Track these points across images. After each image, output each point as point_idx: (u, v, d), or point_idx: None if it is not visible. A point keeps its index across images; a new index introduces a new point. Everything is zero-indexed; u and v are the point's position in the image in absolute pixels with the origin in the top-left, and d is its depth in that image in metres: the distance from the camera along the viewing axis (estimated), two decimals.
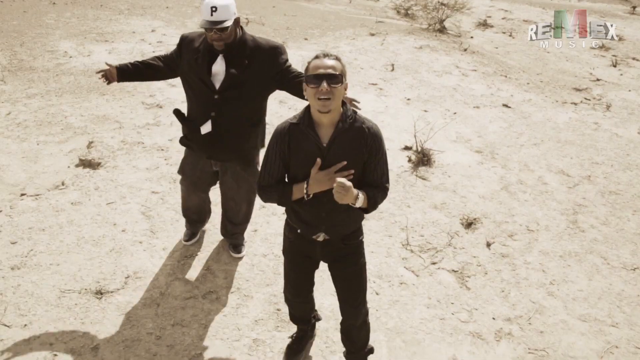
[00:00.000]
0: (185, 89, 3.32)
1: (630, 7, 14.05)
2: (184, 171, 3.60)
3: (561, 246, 4.22)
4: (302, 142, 2.36)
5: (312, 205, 2.43)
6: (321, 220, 2.47)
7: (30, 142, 5.25)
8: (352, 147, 2.34)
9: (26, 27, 9.05)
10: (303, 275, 2.77)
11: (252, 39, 3.17)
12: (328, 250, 2.58)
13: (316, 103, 2.25)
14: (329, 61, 2.25)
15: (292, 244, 2.66)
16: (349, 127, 2.35)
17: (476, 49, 9.66)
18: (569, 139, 6.14)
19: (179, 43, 3.27)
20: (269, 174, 2.43)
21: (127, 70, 3.30)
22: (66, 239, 3.90)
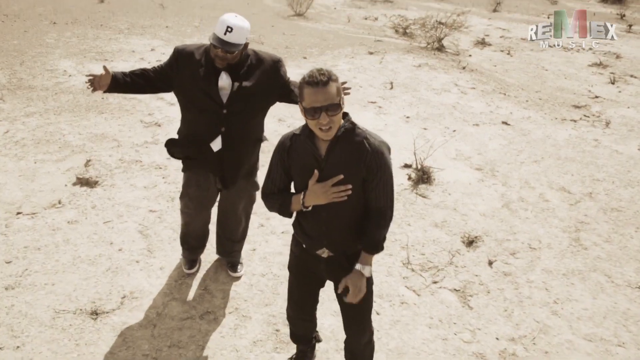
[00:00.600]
0: (183, 105, 3.22)
1: (627, 25, 14.14)
2: (188, 195, 3.46)
3: (564, 264, 4.16)
4: (301, 153, 2.33)
5: (313, 218, 2.39)
6: (322, 235, 2.42)
7: (28, 161, 5.22)
8: (349, 160, 2.27)
9: (26, 46, 9.08)
10: (307, 292, 2.71)
11: (254, 52, 3.16)
12: (333, 268, 2.51)
13: (318, 132, 2.21)
14: (324, 90, 2.13)
15: (297, 259, 2.61)
16: (349, 140, 2.28)
17: (475, 67, 9.70)
18: (569, 155, 6.11)
19: (175, 56, 3.13)
20: (272, 182, 2.44)
21: (119, 79, 3.08)
22: (62, 258, 3.84)
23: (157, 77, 3.16)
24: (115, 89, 3.09)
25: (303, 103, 2.18)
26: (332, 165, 2.28)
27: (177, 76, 3.12)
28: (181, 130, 3.34)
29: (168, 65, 3.15)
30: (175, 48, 3.15)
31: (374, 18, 14.12)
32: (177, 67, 3.11)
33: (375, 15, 14.51)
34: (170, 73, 3.14)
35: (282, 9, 14.36)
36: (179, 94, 3.21)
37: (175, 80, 3.14)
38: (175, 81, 3.14)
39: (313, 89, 2.14)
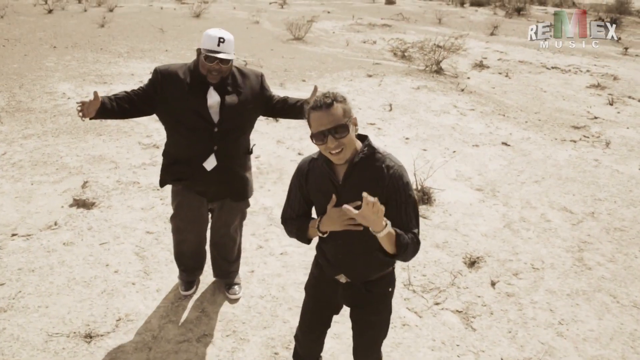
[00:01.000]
0: (171, 126, 3.13)
1: (623, 48, 14.27)
2: (180, 216, 3.42)
3: (568, 284, 4.08)
4: (318, 178, 2.26)
5: (331, 244, 2.32)
6: (339, 261, 2.34)
7: (24, 182, 5.18)
8: (368, 186, 2.11)
9: (26, 69, 9.13)
10: (320, 316, 2.62)
11: (237, 68, 3.15)
12: (350, 294, 2.43)
13: (330, 157, 2.13)
14: (328, 113, 2.06)
15: (316, 281, 2.54)
16: (366, 165, 2.17)
17: (473, 89, 9.74)
18: (570, 175, 6.08)
19: (157, 77, 3.05)
20: (290, 207, 2.38)
21: (107, 105, 2.96)
22: (56, 280, 3.76)
23: (140, 99, 3.07)
24: (102, 114, 2.98)
25: (311, 129, 2.12)
26: (349, 191, 2.17)
27: (161, 97, 3.04)
28: (169, 152, 3.26)
29: (151, 86, 3.07)
30: (156, 69, 3.08)
31: (372, 42, 14.24)
32: (161, 88, 3.03)
33: (374, 39, 14.64)
34: (154, 95, 3.05)
35: (281, 33, 14.50)
36: (164, 115, 3.12)
37: (159, 102, 3.06)
38: (158, 103, 3.06)
39: (317, 113, 2.08)
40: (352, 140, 2.13)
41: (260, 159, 6.08)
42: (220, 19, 16.02)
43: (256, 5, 19.06)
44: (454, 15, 19.29)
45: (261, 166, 5.89)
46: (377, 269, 2.36)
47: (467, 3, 23.56)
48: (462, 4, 23.51)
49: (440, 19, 17.81)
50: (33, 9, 15.22)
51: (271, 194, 5.27)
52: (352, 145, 2.15)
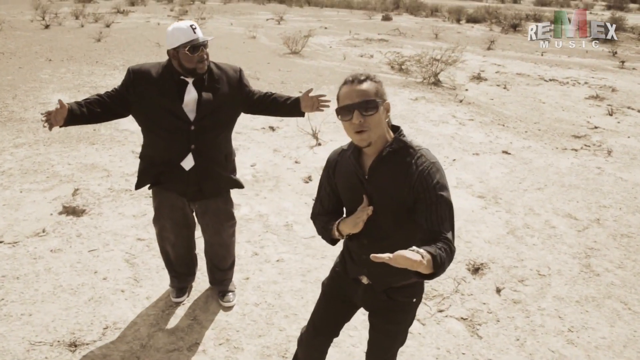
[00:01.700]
0: (147, 127, 2.98)
1: (620, 61, 14.27)
2: (162, 216, 3.26)
3: (576, 291, 3.92)
4: (345, 171, 2.09)
5: (356, 244, 2.15)
6: (364, 263, 2.14)
7: (13, 190, 5.02)
8: (394, 183, 1.94)
9: (20, 81, 9.02)
10: (332, 313, 2.41)
11: (214, 63, 3.02)
12: (370, 297, 2.24)
13: (353, 137, 1.94)
14: (358, 86, 1.90)
15: (336, 276, 2.35)
16: (395, 159, 1.96)
17: (471, 100, 9.65)
18: (573, 183, 5.95)
19: (130, 77, 2.90)
20: (320, 202, 2.23)
21: (75, 111, 2.79)
22: (41, 288, 3.59)
23: (113, 101, 2.92)
24: (72, 121, 2.81)
25: (338, 104, 1.97)
26: (375, 186, 1.99)
27: (135, 97, 2.90)
28: (145, 154, 3.11)
29: (124, 87, 2.93)
30: (130, 68, 2.94)
31: (369, 55, 14.22)
32: (134, 88, 2.89)
33: (371, 52, 14.62)
34: (127, 95, 2.91)
35: (278, 47, 14.47)
36: (139, 116, 2.97)
37: (133, 103, 2.92)
38: (133, 103, 2.92)
39: (348, 87, 1.93)
40: (380, 123, 1.92)
41: (257, 167, 5.95)
42: (217, 34, 15.99)
43: (253, 21, 19.08)
44: (451, 31, 19.35)
45: (257, 174, 5.75)
46: (402, 277, 2.15)
47: (463, 20, 23.67)
48: (458, 20, 23.62)
49: (437, 34, 17.84)
50: (30, 25, 15.18)
51: (267, 202, 5.12)
52: (380, 129, 1.93)
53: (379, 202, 1.98)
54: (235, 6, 24.22)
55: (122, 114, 2.99)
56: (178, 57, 2.83)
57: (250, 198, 5.18)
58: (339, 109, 1.93)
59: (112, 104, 2.92)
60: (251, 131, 7.16)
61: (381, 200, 1.98)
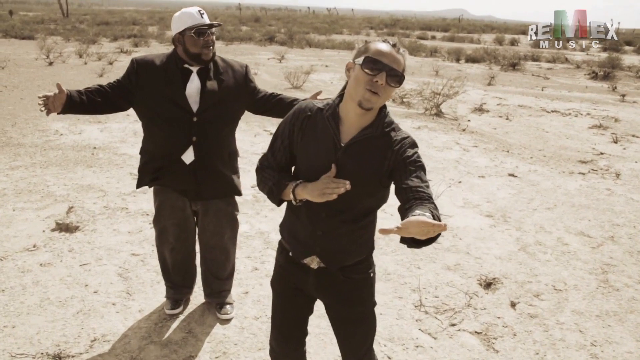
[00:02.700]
0: (149, 118, 2.87)
1: (620, 95, 14.30)
2: (163, 217, 3.11)
3: (596, 305, 3.69)
4: (318, 132, 1.89)
5: (308, 218, 1.91)
6: (316, 240, 1.93)
7: (6, 209, 4.85)
8: (371, 159, 1.84)
9: (21, 111, 8.99)
10: (292, 315, 2.16)
11: (220, 58, 2.94)
12: (324, 283, 2.00)
13: (362, 93, 1.76)
14: (397, 54, 1.78)
15: (282, 270, 2.11)
16: (379, 133, 1.85)
17: (474, 129, 9.58)
18: (584, 203, 5.77)
19: (133, 68, 2.82)
20: (272, 153, 1.98)
21: (75, 98, 2.68)
22: (28, 300, 3.37)
23: (115, 92, 2.82)
24: (71, 109, 2.70)
25: (363, 55, 1.78)
26: (349, 158, 1.83)
27: (138, 88, 2.80)
28: (146, 148, 2.99)
29: (126, 77, 2.84)
30: (133, 59, 2.86)
31: None
32: (137, 78, 2.81)
33: None
34: (129, 86, 2.81)
35: (279, 82, 14.55)
36: (141, 107, 2.86)
37: (136, 94, 2.81)
38: (136, 94, 2.81)
39: (387, 47, 1.78)
40: (389, 97, 1.82)
41: (257, 188, 5.78)
42: None
43: (254, 60, 19.29)
44: (451, 69, 19.52)
45: (258, 194, 5.59)
46: (360, 252, 1.98)
47: (462, 59, 23.97)
48: (458, 60, 23.90)
49: (437, 71, 17.97)
50: (34, 62, 15.31)
51: (268, 220, 4.94)
52: (384, 102, 1.83)
53: (351, 173, 1.81)
54: (237, 47, 24.59)
55: (121, 106, 2.88)
56: (183, 42, 2.74)
57: (250, 217, 5.00)
58: (370, 59, 1.75)
59: (113, 94, 2.82)
60: (252, 155, 7.04)
61: (355, 171, 1.82)
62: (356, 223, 1.91)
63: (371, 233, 2.01)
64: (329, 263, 1.96)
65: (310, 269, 2.00)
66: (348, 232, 1.92)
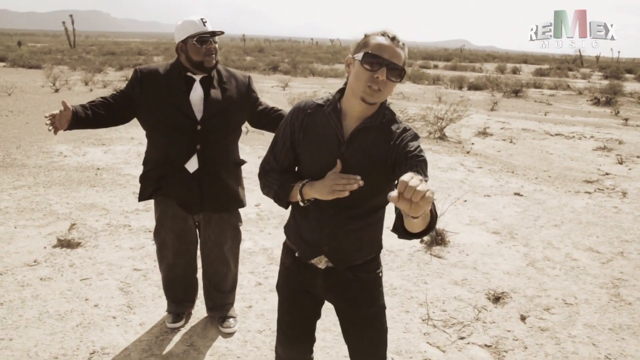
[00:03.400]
0: (153, 127, 2.85)
1: (623, 119, 14.32)
2: (164, 228, 3.05)
3: (608, 319, 3.60)
4: (320, 128, 1.86)
5: (315, 217, 1.87)
6: (323, 239, 1.88)
7: (7, 226, 4.81)
8: (375, 151, 1.80)
9: (26, 134, 9.03)
10: (300, 319, 2.10)
11: (224, 67, 2.95)
12: (332, 283, 1.95)
13: (363, 89, 1.74)
14: (397, 48, 1.75)
15: (288, 272, 2.04)
16: (380, 126, 1.82)
17: (479, 152, 9.56)
18: (591, 220, 5.69)
19: (137, 77, 2.81)
20: (274, 156, 1.93)
21: (80, 114, 2.68)
22: (26, 314, 3.30)
23: (119, 103, 2.82)
24: (77, 124, 2.70)
25: (363, 50, 1.74)
26: (353, 151, 1.80)
27: (142, 97, 2.80)
28: (149, 157, 2.97)
29: (130, 87, 2.84)
30: (136, 68, 2.87)
31: None
32: (141, 88, 2.80)
33: None
34: (133, 95, 2.81)
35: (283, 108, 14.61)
36: (145, 115, 2.85)
37: (140, 103, 2.80)
38: (140, 104, 2.81)
39: (386, 41, 1.74)
40: (390, 92, 1.79)
41: (261, 206, 5.74)
42: None
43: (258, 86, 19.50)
44: (454, 95, 19.63)
45: (262, 213, 5.54)
46: (368, 250, 1.94)
47: (465, 87, 24.14)
48: (461, 87, 24.08)
49: (440, 97, 18.09)
50: (40, 89, 15.48)
51: (272, 237, 4.88)
52: (386, 97, 1.80)
53: (356, 168, 1.77)
54: None
55: (126, 117, 2.89)
56: (186, 50, 2.75)
57: (254, 234, 4.94)
58: (370, 55, 1.72)
59: (117, 105, 2.83)
60: (255, 176, 7.00)
61: (359, 166, 1.78)
62: (364, 220, 1.87)
63: (379, 231, 1.97)
64: (337, 262, 1.91)
65: (318, 270, 1.94)
66: (356, 229, 1.87)
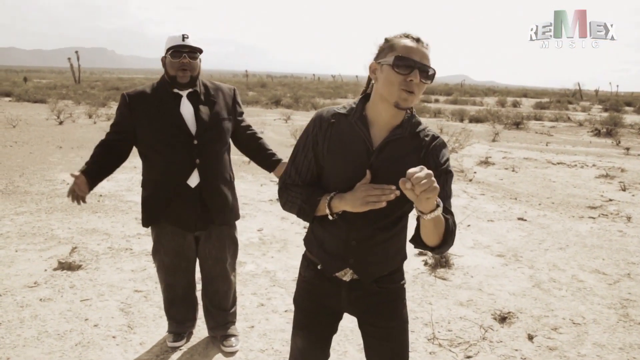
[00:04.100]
0: (149, 147, 2.83)
1: (624, 148, 14.36)
2: (162, 245, 3.01)
3: (618, 338, 3.52)
4: (345, 137, 1.78)
5: (340, 228, 1.81)
6: (350, 251, 1.81)
7: (8, 250, 4.79)
8: (405, 160, 1.74)
9: (29, 163, 9.08)
10: (317, 333, 2.02)
11: (209, 81, 2.98)
12: (357, 296, 1.88)
13: (398, 94, 1.68)
14: (424, 49, 1.71)
15: (308, 285, 1.96)
16: (410, 132, 1.79)
17: (481, 180, 9.56)
18: (596, 243, 5.64)
19: (125, 101, 2.81)
20: (296, 169, 1.85)
21: (93, 173, 2.78)
22: (25, 333, 3.25)
23: (119, 137, 2.86)
24: (95, 182, 2.80)
25: (391, 53, 1.70)
26: (383, 162, 1.74)
27: (135, 120, 2.80)
28: (149, 178, 2.95)
29: (120, 115, 2.85)
30: (123, 93, 2.88)
31: None
32: (130, 111, 2.81)
33: None
34: (125, 122, 2.83)
35: (285, 140, 14.73)
36: (141, 139, 2.84)
37: (135, 127, 2.81)
38: (135, 128, 2.81)
39: (412, 43, 1.70)
40: (420, 96, 1.75)
41: (264, 231, 5.72)
42: None
43: (261, 119, 19.65)
44: (455, 127, 19.75)
45: (264, 237, 5.51)
46: (393, 261, 1.88)
47: (466, 120, 24.32)
48: (462, 120, 24.27)
49: (442, 129, 18.22)
50: (45, 122, 15.63)
51: (274, 260, 4.84)
52: (418, 99, 1.76)
53: (385, 178, 1.72)
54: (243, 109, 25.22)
55: (128, 150, 2.91)
56: (165, 65, 2.78)
57: (256, 257, 4.90)
58: (401, 58, 1.68)
59: (119, 139, 2.87)
60: (258, 203, 7.00)
61: (388, 176, 1.72)
62: (390, 230, 1.82)
63: (404, 241, 1.91)
64: (364, 274, 1.85)
65: (342, 282, 1.88)
66: (383, 240, 1.82)
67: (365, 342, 2.00)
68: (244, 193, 7.37)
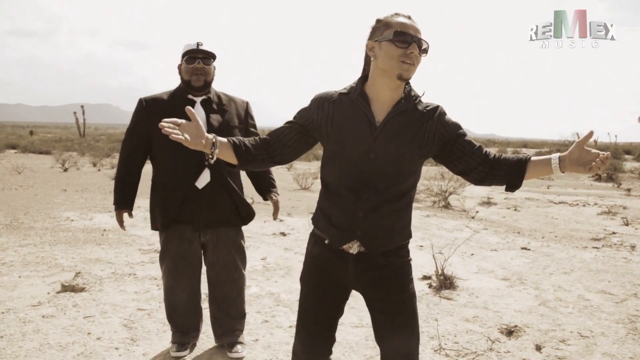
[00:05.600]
0: (161, 150, 2.94)
1: (625, 189, 14.43)
2: (169, 251, 3.05)
3: (628, 349, 3.47)
4: (348, 113, 1.89)
5: (348, 200, 1.87)
6: (357, 223, 1.86)
7: (12, 276, 4.78)
8: (410, 133, 1.86)
9: (34, 203, 9.14)
10: (324, 310, 2.02)
11: (223, 93, 3.09)
12: (363, 269, 1.90)
13: (399, 66, 1.79)
14: (416, 24, 1.84)
15: (315, 261, 2.00)
16: (410, 110, 1.89)
17: (483, 218, 9.58)
18: (601, 268, 5.61)
19: (141, 106, 2.98)
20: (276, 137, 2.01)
21: (130, 198, 3.16)
22: (26, 345, 3.22)
23: (142, 144, 3.02)
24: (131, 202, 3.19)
25: (388, 30, 1.82)
26: (388, 134, 1.84)
27: (150, 124, 2.90)
28: (159, 181, 3.02)
29: (136, 122, 3.01)
30: (140, 99, 3.01)
31: None
32: (146, 114, 2.94)
33: None
34: (142, 125, 2.97)
35: (288, 185, 14.83)
36: (155, 144, 2.96)
37: (148, 131, 2.93)
38: (149, 131, 2.93)
39: (405, 20, 1.84)
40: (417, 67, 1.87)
41: (267, 260, 5.71)
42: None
43: None
44: None
45: (268, 265, 5.50)
46: (400, 235, 1.92)
47: None
48: None
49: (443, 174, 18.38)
50: (49, 170, 15.81)
51: (278, 284, 4.81)
52: (416, 71, 1.87)
53: (394, 150, 1.83)
54: None
55: (145, 155, 3.07)
56: (181, 71, 2.90)
57: (260, 282, 4.88)
58: (400, 33, 1.80)
59: (143, 147, 3.02)
60: (262, 236, 7.01)
61: (397, 148, 1.84)
62: (396, 203, 1.88)
63: (409, 219, 1.96)
64: (371, 247, 1.88)
65: (349, 255, 1.91)
66: (388, 213, 1.87)
67: (373, 320, 2.00)
68: (247, 227, 7.37)
